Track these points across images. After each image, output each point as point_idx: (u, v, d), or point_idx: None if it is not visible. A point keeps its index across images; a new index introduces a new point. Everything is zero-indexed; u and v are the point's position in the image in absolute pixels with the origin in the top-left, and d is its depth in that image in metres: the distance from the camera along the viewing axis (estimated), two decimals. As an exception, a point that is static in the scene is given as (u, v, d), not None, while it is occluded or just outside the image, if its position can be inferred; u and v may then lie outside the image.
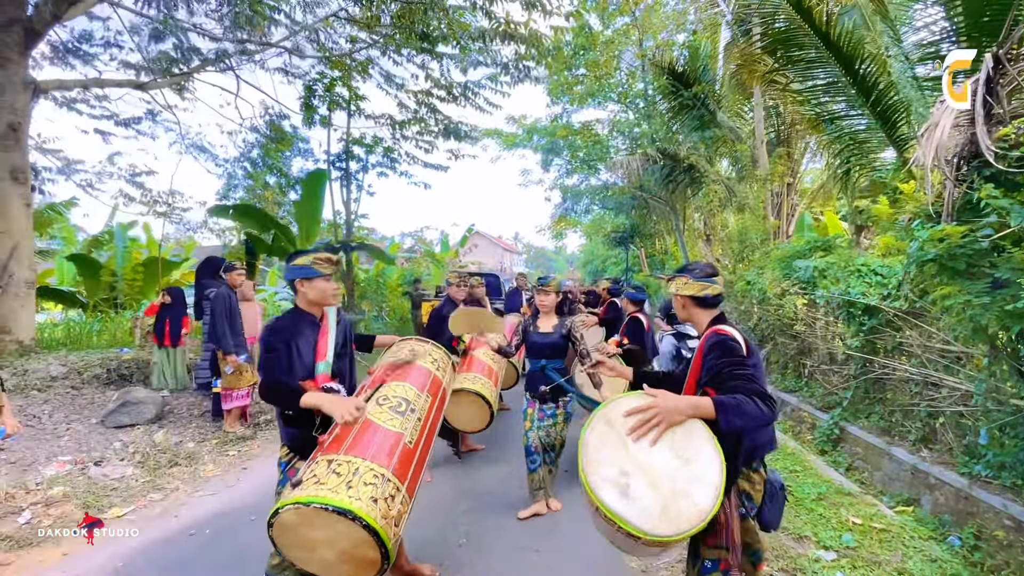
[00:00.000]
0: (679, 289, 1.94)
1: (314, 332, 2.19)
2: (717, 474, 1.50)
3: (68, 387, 5.64)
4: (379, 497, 1.73)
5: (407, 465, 1.93)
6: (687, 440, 1.56)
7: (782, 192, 9.87)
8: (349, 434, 1.91)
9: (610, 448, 1.58)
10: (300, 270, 2.15)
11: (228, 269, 5.32)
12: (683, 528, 1.43)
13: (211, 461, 4.51)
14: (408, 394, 2.18)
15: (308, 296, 2.18)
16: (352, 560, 1.77)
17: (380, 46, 8.91)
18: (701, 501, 1.46)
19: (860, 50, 5.61)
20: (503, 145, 16.97)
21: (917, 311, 4.37)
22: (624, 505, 1.47)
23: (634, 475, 1.52)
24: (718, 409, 1.55)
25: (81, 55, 8.50)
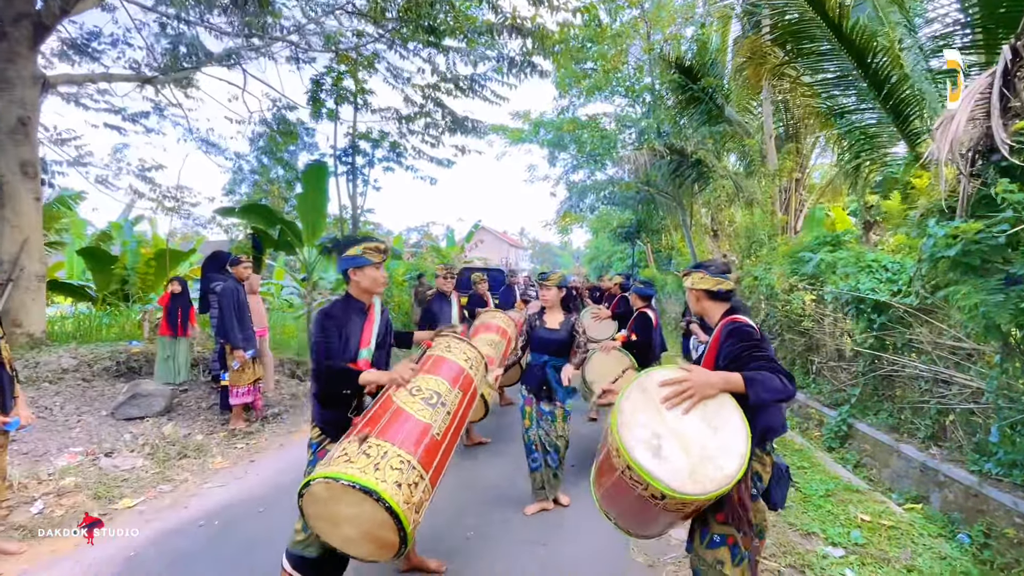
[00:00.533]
0: (695, 283, 2.06)
1: (361, 319, 2.31)
2: (743, 444, 1.60)
3: (79, 379, 5.70)
4: (403, 482, 1.81)
5: (432, 455, 2.00)
6: (718, 411, 1.67)
7: (790, 187, 9.78)
8: (382, 418, 2.00)
9: (644, 413, 1.69)
10: (352, 260, 2.26)
11: (234, 263, 5.33)
12: (708, 489, 1.52)
13: (219, 453, 4.55)
14: (440, 388, 2.24)
15: (360, 284, 2.30)
16: (372, 540, 1.85)
17: (387, 40, 8.89)
18: (727, 466, 1.56)
19: (873, 42, 5.53)
20: (509, 140, 16.90)
21: (928, 307, 4.32)
22: (656, 464, 1.57)
23: (666, 438, 1.62)
24: (747, 384, 1.66)
25: (89, 50, 8.53)
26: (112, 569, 2.76)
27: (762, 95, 9.42)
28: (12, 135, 6.22)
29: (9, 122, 6.21)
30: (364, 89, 9.74)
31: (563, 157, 16.77)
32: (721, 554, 1.79)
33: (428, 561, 2.79)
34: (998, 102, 2.83)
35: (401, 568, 2.75)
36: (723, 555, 1.79)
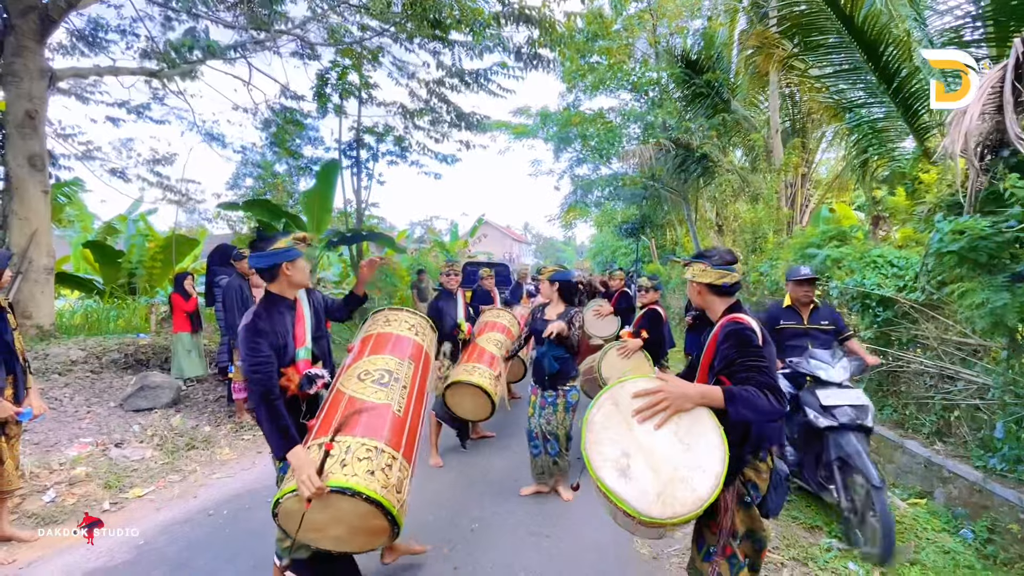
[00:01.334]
0: (696, 276, 1.89)
1: (292, 317, 2.13)
2: (719, 463, 1.50)
3: (87, 371, 5.76)
4: (375, 468, 1.77)
5: (399, 433, 1.95)
6: (692, 427, 1.57)
7: (796, 182, 9.72)
8: (336, 414, 1.92)
9: (614, 428, 1.60)
10: (286, 253, 2.07)
11: (238, 257, 5.30)
12: (678, 512, 1.45)
13: (227, 445, 4.60)
14: (389, 364, 2.18)
15: (292, 278, 2.12)
16: (363, 531, 1.83)
17: (392, 34, 8.86)
18: (700, 488, 1.48)
19: (885, 34, 5.46)
20: (513, 135, 16.84)
21: (934, 303, 4.30)
22: (622, 485, 1.50)
23: (635, 456, 1.54)
24: (727, 399, 1.55)
25: (96, 43, 8.55)
26: (123, 556, 2.81)
27: (769, 89, 9.35)
28: (20, 128, 6.26)
29: (17, 115, 6.24)
30: (368, 84, 9.73)
31: (568, 152, 16.70)
32: (720, 567, 1.73)
33: (412, 545, 2.79)
34: (1011, 96, 2.81)
35: (385, 561, 2.72)
36: (722, 568, 1.73)
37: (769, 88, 9.26)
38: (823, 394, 3.11)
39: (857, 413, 3.03)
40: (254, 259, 2.09)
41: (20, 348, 2.83)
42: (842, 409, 3.03)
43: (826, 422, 3.03)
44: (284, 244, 2.09)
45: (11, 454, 2.76)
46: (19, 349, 2.81)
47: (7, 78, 6.25)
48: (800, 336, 3.50)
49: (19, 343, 2.82)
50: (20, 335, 2.86)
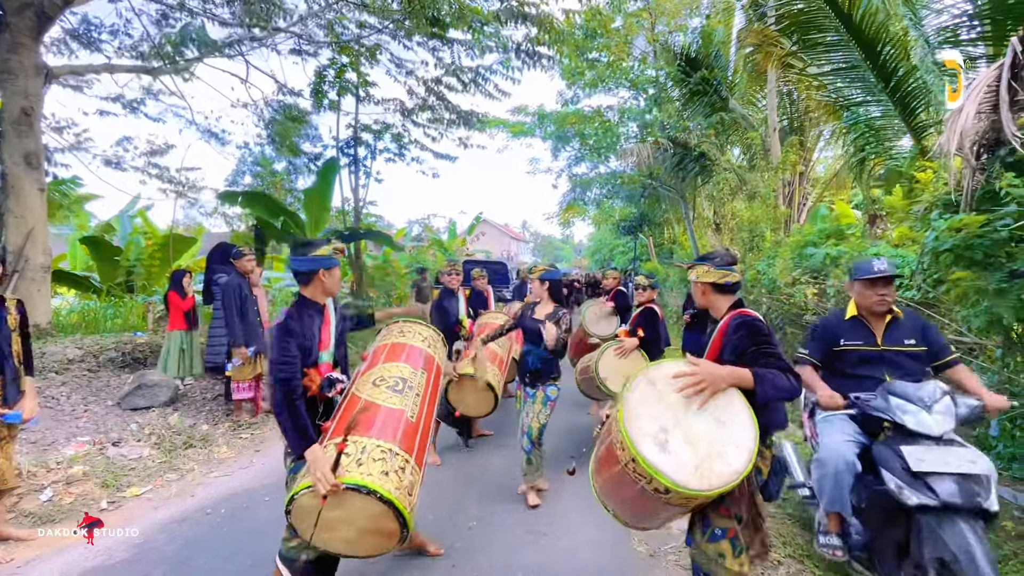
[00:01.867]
0: (700, 276, 2.02)
1: (320, 322, 2.22)
2: (752, 440, 1.59)
3: (84, 370, 5.75)
4: (390, 470, 1.82)
5: (412, 438, 2.02)
6: (726, 407, 1.66)
7: (794, 181, 9.74)
8: (351, 416, 1.99)
9: (651, 406, 1.67)
10: (325, 260, 2.18)
11: (238, 255, 5.28)
12: (714, 484, 1.52)
13: (225, 444, 4.59)
14: (403, 373, 2.26)
15: (326, 285, 2.22)
16: (373, 533, 1.86)
17: (390, 31, 8.84)
18: (735, 462, 1.55)
19: (883, 32, 5.47)
20: (511, 134, 16.84)
21: (930, 302, 4.32)
22: (662, 458, 1.56)
23: (673, 432, 1.61)
24: (756, 380, 1.66)
25: (91, 41, 8.50)
26: (121, 555, 2.81)
27: (767, 87, 9.36)
28: (16, 126, 6.23)
29: (13, 113, 6.22)
30: (367, 81, 9.71)
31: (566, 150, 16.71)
32: (723, 547, 1.78)
33: (428, 544, 2.84)
34: (1007, 95, 2.82)
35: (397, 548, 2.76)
36: (724, 548, 1.78)
37: (767, 86, 9.28)
38: (912, 452, 2.06)
39: (970, 487, 1.96)
40: (295, 261, 2.19)
41: (17, 349, 2.78)
42: (944, 481, 1.98)
43: (917, 499, 1.98)
44: (325, 252, 2.20)
45: (3, 454, 2.72)
46: (15, 351, 2.77)
47: (2, 75, 6.22)
48: (873, 361, 2.47)
49: (16, 344, 2.78)
50: (18, 335, 2.81)
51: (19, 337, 2.82)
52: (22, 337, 2.85)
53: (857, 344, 2.51)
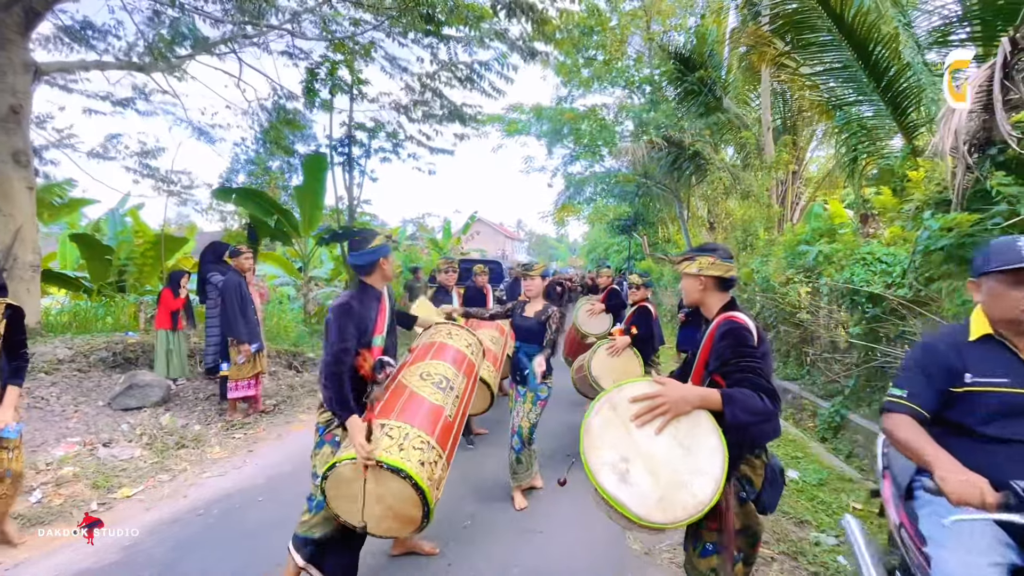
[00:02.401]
0: (704, 269, 1.83)
1: (377, 307, 2.35)
2: (719, 467, 1.50)
3: (75, 370, 5.68)
4: (426, 461, 1.92)
5: (447, 436, 2.12)
6: (692, 430, 1.56)
7: (787, 180, 9.80)
8: (398, 402, 2.10)
9: (613, 433, 1.59)
10: (383, 249, 2.33)
11: (235, 254, 5.24)
12: (679, 517, 1.46)
13: (218, 444, 4.56)
14: (448, 373, 2.37)
15: (386, 271, 2.38)
16: (394, 516, 1.94)
17: (384, 28, 8.78)
18: (700, 492, 1.47)
19: (875, 33, 5.51)
20: (506, 132, 16.83)
21: (922, 299, 4.36)
22: (622, 490, 1.49)
23: (634, 461, 1.54)
24: (725, 402, 1.55)
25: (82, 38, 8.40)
26: (111, 557, 2.78)
27: (761, 87, 9.41)
28: (4, 123, 6.14)
29: (0, 110, 6.13)
30: (360, 79, 9.65)
31: (561, 148, 16.73)
32: (714, 562, 1.75)
33: (422, 544, 2.84)
34: (1000, 94, 2.84)
35: (394, 552, 2.79)
36: (715, 563, 1.74)
37: (761, 86, 9.33)
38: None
39: None
40: (356, 256, 2.31)
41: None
42: None
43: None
44: (380, 242, 2.34)
45: None
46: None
47: (-10, 72, 6.13)
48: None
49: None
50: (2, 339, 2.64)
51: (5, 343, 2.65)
52: (11, 344, 2.69)
53: (998, 382, 1.49)
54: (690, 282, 1.88)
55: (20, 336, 2.73)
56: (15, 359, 2.71)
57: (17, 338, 2.71)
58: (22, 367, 2.74)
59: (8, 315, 2.69)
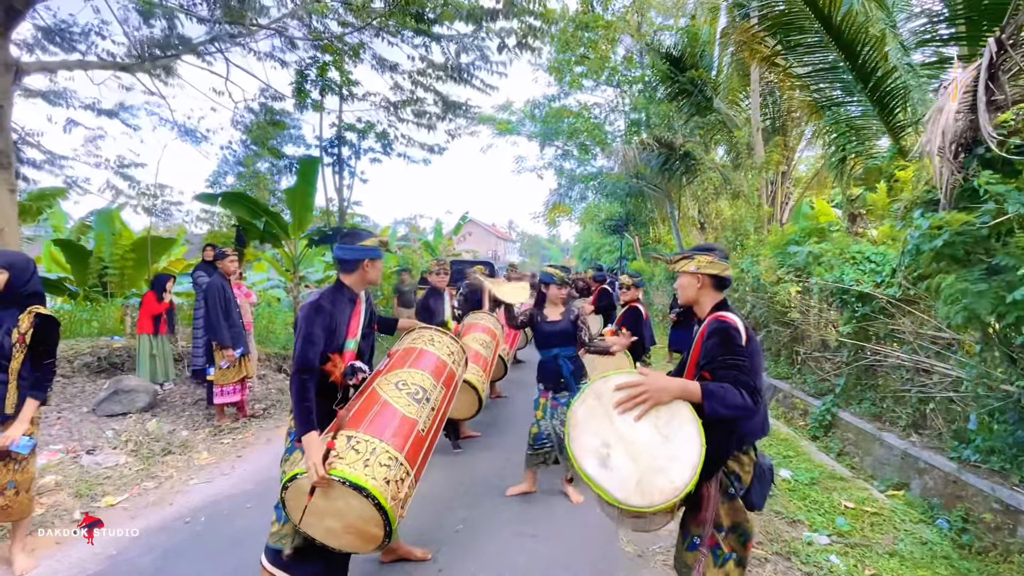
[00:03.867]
0: (702, 267, 1.88)
1: (351, 309, 2.26)
2: (695, 455, 1.54)
3: (58, 376, 5.57)
4: (392, 479, 1.83)
5: (418, 451, 2.02)
6: (671, 419, 1.62)
7: (776, 180, 9.87)
8: (369, 413, 2.00)
9: (596, 420, 1.66)
10: (371, 251, 2.24)
11: (220, 256, 5.19)
12: (656, 501, 1.50)
13: (205, 449, 4.48)
14: (425, 383, 2.27)
15: (369, 276, 2.28)
16: (356, 533, 1.86)
17: (373, 29, 8.72)
18: (677, 478, 1.52)
19: (862, 34, 5.55)
20: (497, 131, 16.82)
21: (910, 298, 4.40)
22: (603, 474, 1.56)
23: (615, 447, 1.60)
24: (704, 395, 1.60)
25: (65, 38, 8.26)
26: (94, 567, 2.71)
27: (751, 87, 9.47)
28: (-17, 124, 6.00)
29: (-20, 111, 5.99)
30: (350, 80, 9.58)
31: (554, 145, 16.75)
32: (699, 556, 1.77)
33: (414, 550, 2.80)
34: (984, 95, 2.86)
35: (384, 559, 2.75)
36: (704, 557, 1.77)
37: (751, 86, 9.38)
38: None
39: None
40: (341, 249, 2.24)
41: (15, 366, 2.50)
42: None
43: None
44: (371, 243, 2.26)
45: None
46: (12, 367, 2.49)
47: (-31, 72, 5.99)
48: None
49: (16, 360, 2.50)
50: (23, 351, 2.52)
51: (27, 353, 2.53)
52: (35, 354, 2.55)
53: None
54: (687, 280, 1.93)
55: (45, 347, 2.59)
56: (38, 370, 2.58)
57: (42, 348, 2.58)
58: (43, 380, 2.59)
59: (36, 324, 2.55)
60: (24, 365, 2.52)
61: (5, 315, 2.50)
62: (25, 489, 2.60)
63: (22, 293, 2.53)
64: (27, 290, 2.55)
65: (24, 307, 2.54)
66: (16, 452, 2.47)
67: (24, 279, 2.54)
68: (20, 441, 2.46)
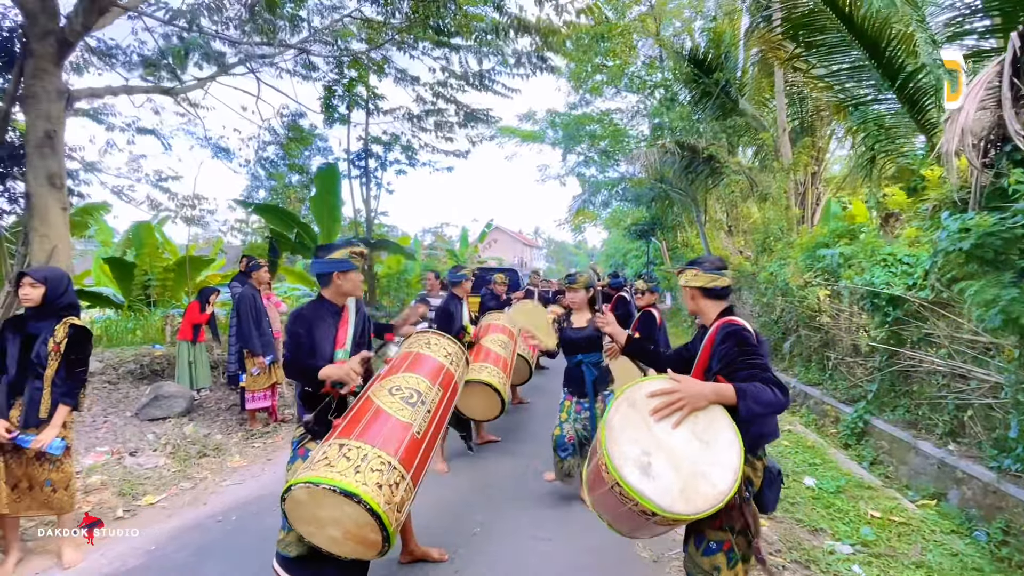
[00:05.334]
0: (688, 281, 2.00)
1: (335, 321, 2.32)
2: (736, 458, 1.54)
3: (104, 382, 5.92)
4: (384, 483, 1.83)
5: (413, 454, 2.02)
6: (709, 424, 1.61)
7: (806, 181, 9.61)
8: (361, 420, 2.02)
9: (633, 428, 1.64)
10: (339, 263, 2.29)
11: (254, 268, 5.45)
12: (700, 508, 1.49)
13: (238, 452, 4.68)
14: (420, 386, 2.26)
15: (342, 288, 2.33)
16: (356, 539, 1.88)
17: (395, 42, 8.99)
18: (720, 483, 1.52)
19: (886, 32, 5.41)
20: (520, 139, 16.98)
21: (944, 301, 4.23)
22: (645, 483, 1.53)
23: (655, 455, 1.58)
24: (739, 396, 1.60)
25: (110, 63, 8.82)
26: (135, 561, 2.88)
27: (776, 88, 9.28)
28: (39, 148, 6.46)
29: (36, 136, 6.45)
30: (375, 94, 9.88)
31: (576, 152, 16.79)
32: (718, 560, 1.76)
33: (431, 552, 2.86)
34: (1009, 91, 2.76)
35: (402, 560, 2.82)
36: (719, 560, 1.76)
37: (776, 87, 9.20)
38: None
39: None
40: (313, 264, 2.34)
41: (49, 374, 2.68)
42: None
43: None
44: (340, 255, 2.30)
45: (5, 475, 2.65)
46: (47, 375, 2.67)
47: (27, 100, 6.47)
48: None
49: (51, 367, 2.67)
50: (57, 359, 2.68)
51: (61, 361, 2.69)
52: (68, 363, 2.70)
53: None
54: (683, 293, 2.06)
55: (78, 356, 2.76)
56: (70, 378, 2.73)
57: (74, 357, 2.74)
58: (75, 387, 2.73)
59: (70, 334, 2.72)
60: (58, 373, 2.69)
61: (43, 325, 2.68)
62: (64, 487, 2.78)
63: (58, 305, 2.71)
64: (62, 302, 2.73)
65: (60, 318, 2.71)
66: (50, 453, 2.65)
67: (59, 292, 2.72)
68: (53, 443, 2.64)
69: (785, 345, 7.28)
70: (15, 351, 2.67)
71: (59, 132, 6.72)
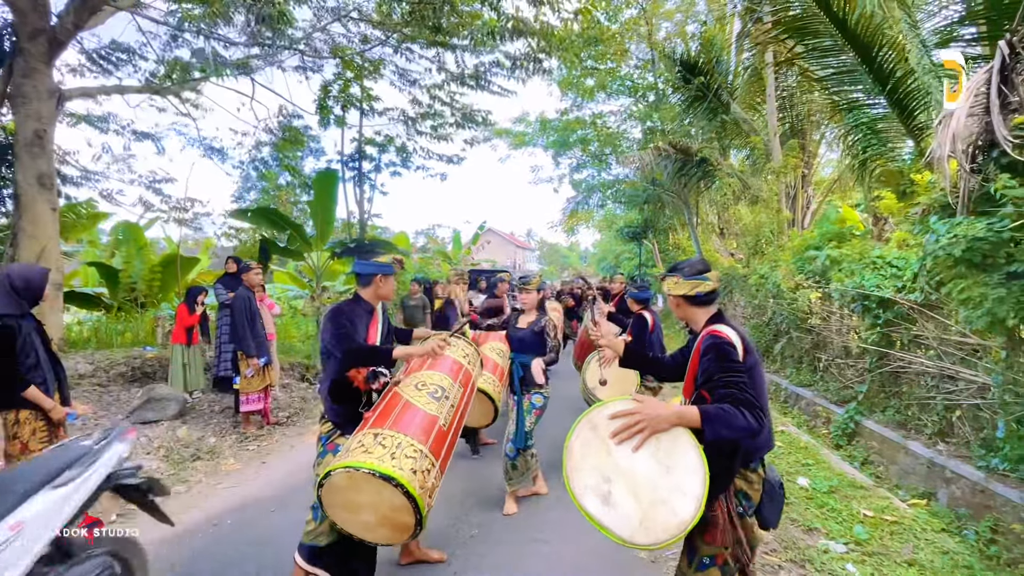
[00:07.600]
0: (670, 289, 1.91)
1: (368, 321, 2.43)
2: (699, 485, 1.49)
3: (95, 384, 5.84)
4: (418, 469, 1.95)
5: (441, 445, 2.16)
6: (671, 448, 1.56)
7: (796, 184, 9.74)
8: (392, 412, 2.15)
9: (594, 454, 1.60)
10: (384, 267, 2.42)
11: (245, 269, 5.41)
12: (660, 538, 1.46)
13: (232, 456, 4.65)
14: (444, 383, 2.40)
15: (380, 290, 2.44)
16: (389, 524, 1.99)
17: (393, 42, 8.98)
18: (681, 511, 1.47)
19: (879, 36, 5.50)
20: (513, 144, 17.03)
21: (933, 303, 4.31)
22: (605, 512, 1.52)
23: (616, 482, 1.55)
24: (704, 419, 1.54)
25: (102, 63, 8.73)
26: (129, 567, 2.85)
27: (767, 92, 9.39)
28: (29, 148, 6.39)
29: (26, 135, 6.38)
30: (371, 95, 9.85)
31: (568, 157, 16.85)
32: (712, 575, 1.73)
33: (430, 553, 2.87)
34: (997, 98, 2.83)
35: (402, 561, 2.83)
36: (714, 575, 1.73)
37: (767, 91, 9.31)
38: None
39: None
40: (358, 264, 2.44)
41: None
42: None
43: None
44: (385, 259, 2.43)
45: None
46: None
47: (17, 99, 6.40)
48: None
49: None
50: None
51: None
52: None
53: None
54: (668, 301, 1.99)
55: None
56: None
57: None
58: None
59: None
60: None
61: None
62: None
63: None
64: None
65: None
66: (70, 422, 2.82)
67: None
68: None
69: (776, 347, 7.36)
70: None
71: (49, 132, 6.65)
